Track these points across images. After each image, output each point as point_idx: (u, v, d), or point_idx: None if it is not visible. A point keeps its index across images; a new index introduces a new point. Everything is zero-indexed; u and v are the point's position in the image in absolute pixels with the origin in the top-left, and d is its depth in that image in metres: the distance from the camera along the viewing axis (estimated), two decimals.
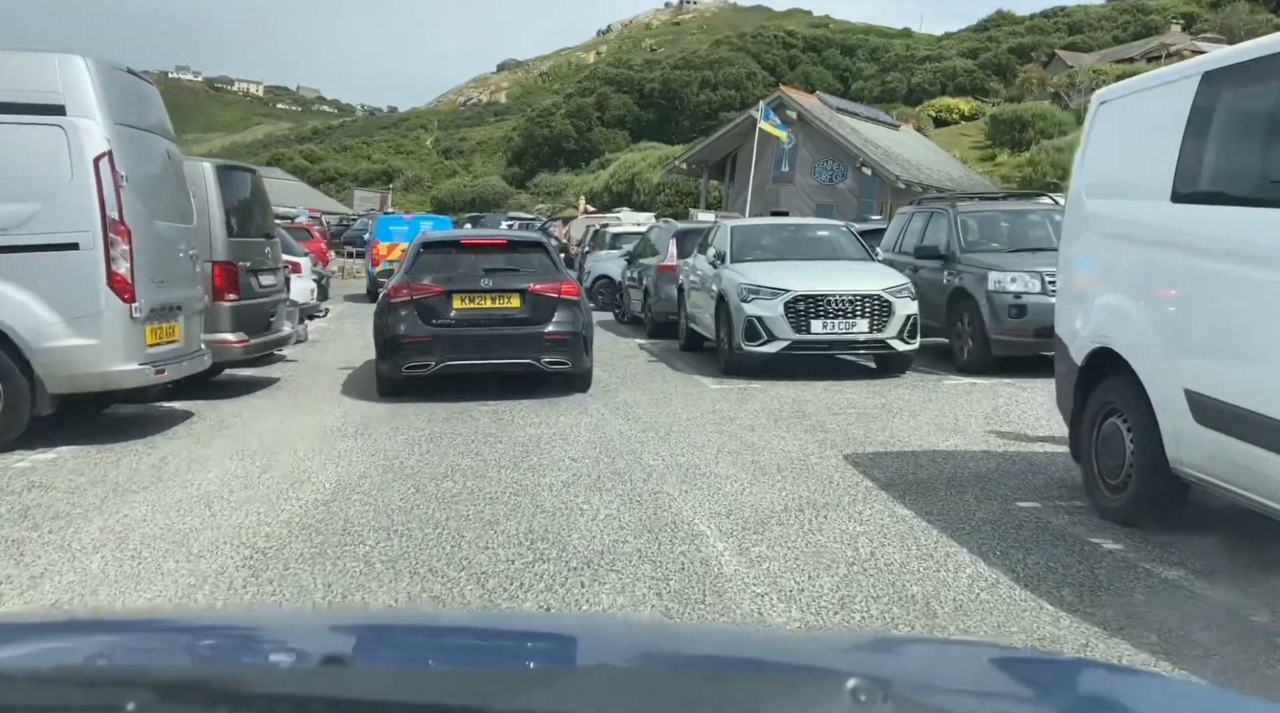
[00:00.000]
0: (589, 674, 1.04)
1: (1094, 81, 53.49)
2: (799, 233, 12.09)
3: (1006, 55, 77.89)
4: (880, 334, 10.10)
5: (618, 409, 8.53)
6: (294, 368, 11.54)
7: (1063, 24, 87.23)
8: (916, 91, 73.09)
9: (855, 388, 9.58)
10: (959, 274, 10.93)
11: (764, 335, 10.10)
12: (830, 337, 10.05)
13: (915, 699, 0.97)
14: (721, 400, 8.93)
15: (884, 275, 10.57)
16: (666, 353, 12.89)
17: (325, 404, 8.89)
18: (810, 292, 10.06)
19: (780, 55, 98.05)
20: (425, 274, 8.96)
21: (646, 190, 53.49)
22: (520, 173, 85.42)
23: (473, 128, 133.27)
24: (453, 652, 1.22)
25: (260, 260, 9.54)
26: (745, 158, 33.89)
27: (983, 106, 60.12)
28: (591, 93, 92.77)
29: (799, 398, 8.96)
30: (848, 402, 8.76)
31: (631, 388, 9.80)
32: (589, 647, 1.25)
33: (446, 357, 8.63)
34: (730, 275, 10.76)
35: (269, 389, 9.83)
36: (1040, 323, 9.99)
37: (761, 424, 7.70)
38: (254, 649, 1.23)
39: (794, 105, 36.16)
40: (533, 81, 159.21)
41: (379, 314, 9.11)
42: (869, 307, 10.08)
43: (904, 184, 33.48)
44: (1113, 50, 69.16)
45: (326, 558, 4.49)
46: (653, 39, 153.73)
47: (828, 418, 7.93)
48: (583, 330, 8.88)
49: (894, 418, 7.95)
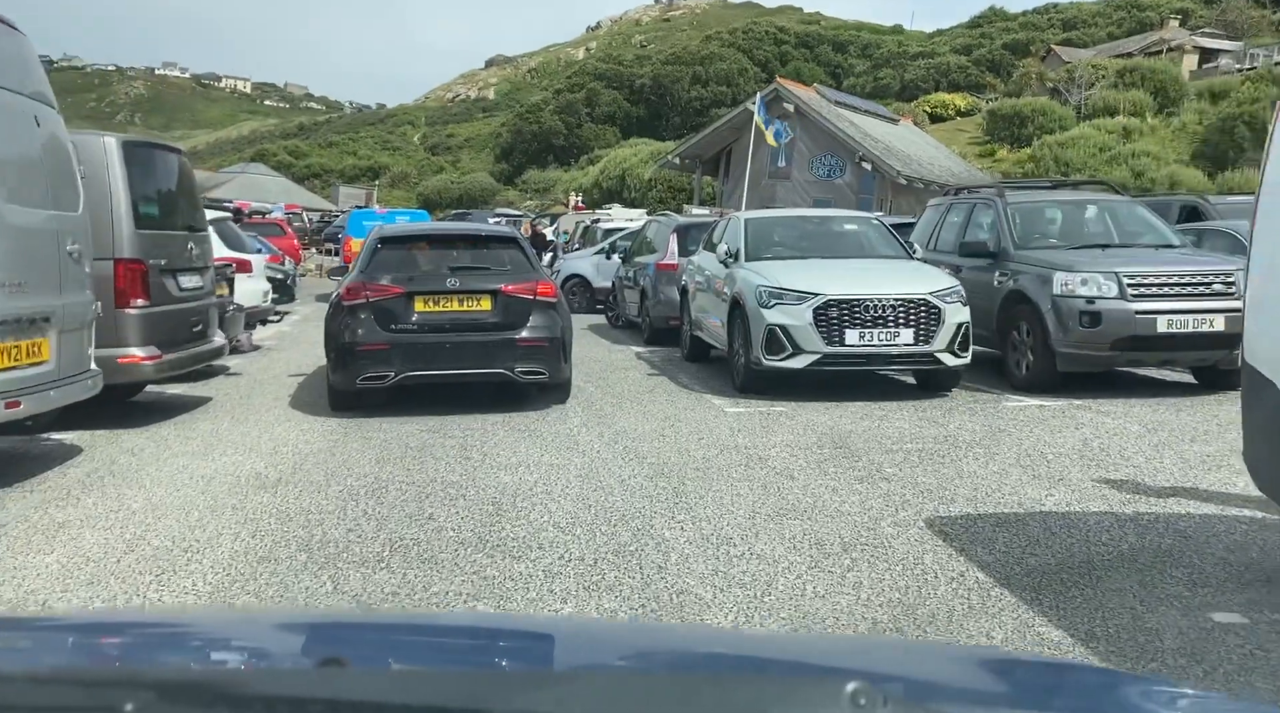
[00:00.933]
0: (588, 676, 1.04)
1: (1093, 76, 52.49)
2: (824, 226, 10.42)
3: (1000, 51, 78.04)
4: (927, 346, 8.45)
5: (615, 442, 6.87)
6: (234, 383, 9.85)
7: (1056, 20, 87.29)
8: (910, 88, 72.82)
9: (900, 412, 7.94)
10: (1014, 275, 9.29)
11: (788, 348, 8.45)
12: (868, 349, 8.39)
13: (914, 703, 0.98)
14: (742, 429, 7.28)
15: (929, 276, 8.92)
16: (668, 364, 11.23)
17: (255, 434, 7.21)
18: (844, 296, 8.41)
19: (772, 51, 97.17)
20: (383, 273, 7.90)
21: (638, 186, 52.03)
22: (508, 169, 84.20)
23: (460, 124, 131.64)
24: (451, 653, 1.28)
25: (181, 258, 7.85)
26: (741, 152, 32.73)
27: (978, 102, 59.22)
28: (581, 88, 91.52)
29: (837, 427, 7.32)
30: (898, 432, 7.11)
31: (631, 410, 8.14)
32: (588, 649, 1.30)
33: (407, 367, 7.69)
34: (747, 276, 9.11)
35: (192, 413, 8.14)
36: (1118, 333, 8.39)
37: (801, 467, 6.04)
38: (252, 650, 1.25)
39: (791, 98, 34.71)
40: (521, 78, 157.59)
41: (330, 319, 7.98)
42: (914, 313, 8.43)
43: (905, 180, 32.12)
44: (1109, 46, 68.55)
45: None
46: (643, 35, 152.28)
47: (882, 458, 6.28)
48: (561, 336, 8.02)
49: (964, 456, 6.31)
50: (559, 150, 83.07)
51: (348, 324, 7.71)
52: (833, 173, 34.41)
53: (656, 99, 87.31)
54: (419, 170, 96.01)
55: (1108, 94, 50.24)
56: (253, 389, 9.51)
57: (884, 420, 7.58)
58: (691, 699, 0.88)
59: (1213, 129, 42.82)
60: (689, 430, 7.27)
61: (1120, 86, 50.94)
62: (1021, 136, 49.53)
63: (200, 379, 9.88)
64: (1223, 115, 42.31)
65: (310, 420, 7.78)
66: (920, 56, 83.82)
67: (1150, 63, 54.47)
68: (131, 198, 7.15)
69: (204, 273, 8.33)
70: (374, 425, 7.53)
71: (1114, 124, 46.39)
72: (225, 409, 8.34)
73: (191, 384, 9.59)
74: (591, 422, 7.66)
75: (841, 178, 34.12)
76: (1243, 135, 39.25)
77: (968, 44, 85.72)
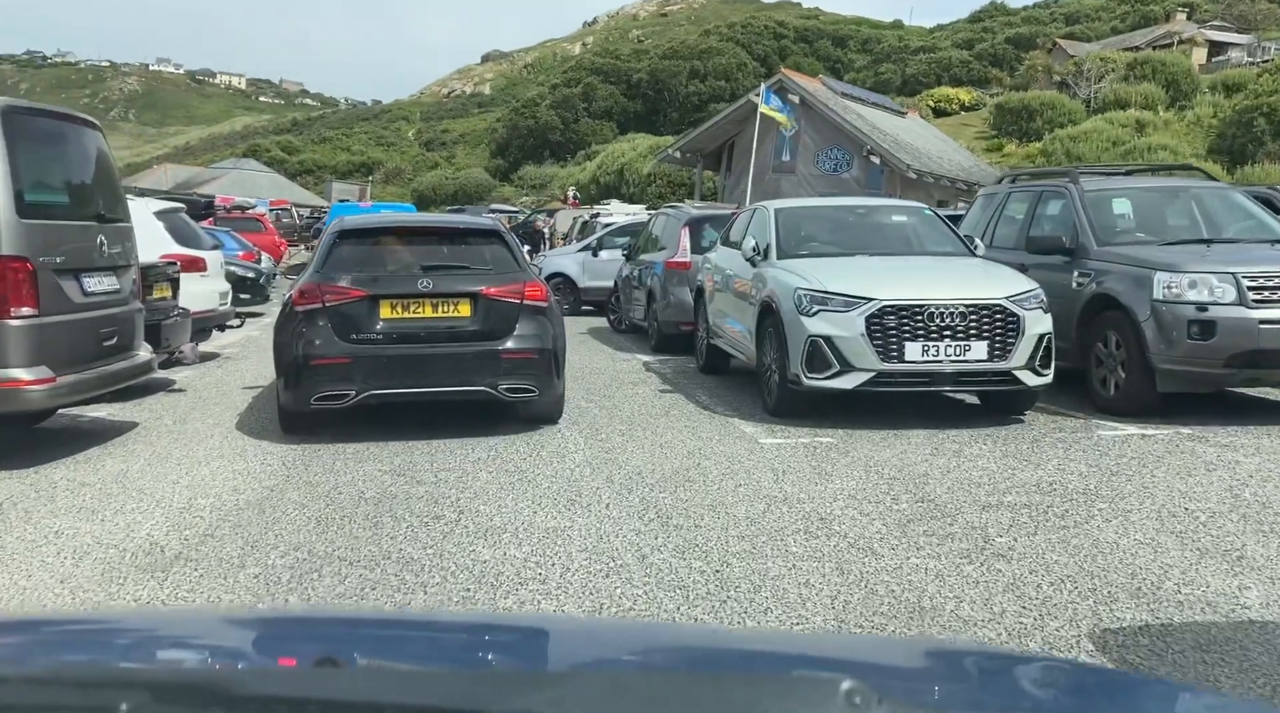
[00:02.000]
0: (585, 676, 1.05)
1: (1102, 69, 51.25)
2: (868, 218, 8.88)
3: (1003, 46, 77.55)
4: (1004, 362, 6.95)
5: (628, 490, 5.37)
6: (173, 402, 8.34)
7: (1059, 15, 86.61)
8: (911, 83, 72.08)
9: (976, 445, 6.43)
10: (1097, 276, 7.79)
11: (835, 364, 6.94)
12: (932, 367, 6.89)
13: (909, 701, 1.01)
14: (787, 470, 5.77)
15: (1003, 277, 7.41)
16: (682, 377, 9.73)
17: (173, 477, 5.70)
18: (903, 301, 6.91)
19: (771, 46, 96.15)
20: (342, 273, 6.78)
21: (636, 181, 50.67)
22: (504, 165, 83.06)
23: (456, 119, 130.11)
24: (447, 653, 1.26)
25: (88, 255, 6.33)
26: (744, 145, 31.55)
27: (983, 97, 58.18)
28: (578, 83, 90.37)
29: (906, 467, 5.81)
30: (985, 476, 5.61)
31: (644, 442, 6.64)
32: (585, 648, 1.28)
33: (371, 384, 6.56)
34: (781, 277, 7.60)
35: (106, 446, 6.62)
36: (1237, 347, 6.90)
37: (881, 536, 4.52)
38: (248, 650, 1.26)
39: (796, 89, 33.27)
40: (517, 73, 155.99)
41: (279, 327, 6.88)
42: (988, 322, 6.93)
43: (915, 174, 30.75)
44: (1115, 40, 67.61)
45: None
46: (640, 30, 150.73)
47: (982, 518, 4.77)
48: (553, 346, 6.92)
49: (1090, 517, 4.80)
50: (555, 146, 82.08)
51: (300, 333, 6.56)
52: (839, 167, 33.01)
53: (654, 94, 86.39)
54: (413, 166, 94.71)
55: (1118, 87, 49.12)
56: (193, 409, 8.00)
57: (961, 457, 6.07)
58: (688, 698, 0.87)
59: (1229, 122, 41.57)
60: (720, 473, 5.75)
61: (1131, 80, 49.80)
62: (1030, 131, 48.49)
63: (134, 397, 8.38)
64: (1239, 108, 41.06)
65: (248, 456, 6.27)
66: (921, 51, 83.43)
67: (1161, 55, 53.42)
68: (13, 178, 5.63)
69: (122, 273, 6.81)
70: (325, 463, 6.02)
71: (1126, 117, 45.15)
72: (149, 439, 6.82)
73: (122, 404, 8.09)
74: (597, 459, 6.15)
75: (848, 172, 32.70)
76: (1261, 128, 37.95)
77: (969, 39, 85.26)
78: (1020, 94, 52.13)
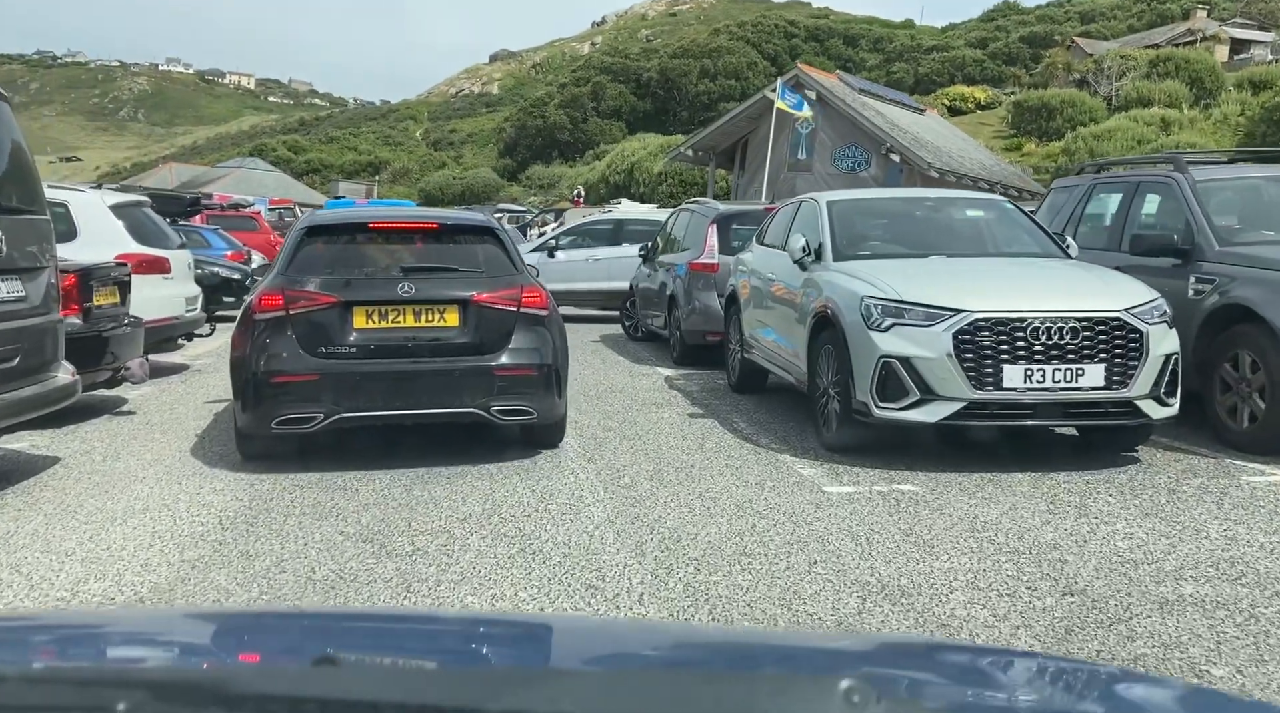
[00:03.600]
0: (581, 674, 1.04)
1: (1123, 66, 49.94)
2: (938, 212, 7.50)
3: (1017, 45, 76.74)
4: (1124, 390, 5.59)
5: (669, 573, 4.02)
6: (113, 430, 7.03)
7: (1074, 13, 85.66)
8: (924, 82, 71.26)
9: (1100, 497, 5.08)
10: (1223, 283, 6.43)
11: (913, 391, 5.59)
12: (1039, 396, 5.52)
13: (908, 700, 1.00)
14: (871, 538, 4.42)
15: (1119, 285, 6.04)
16: (712, 396, 8.40)
17: (68, 547, 4.37)
18: (1001, 313, 5.55)
19: (781, 45, 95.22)
20: (310, 276, 5.90)
21: (647, 180, 49.51)
22: (512, 165, 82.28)
23: (463, 119, 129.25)
24: (445, 651, 1.25)
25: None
26: (758, 144, 30.57)
27: (999, 95, 57.08)
28: (586, 82, 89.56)
29: (1027, 534, 4.46)
30: (1138, 550, 4.25)
31: (678, 490, 5.30)
32: (581, 647, 1.29)
33: (343, 405, 5.71)
34: (842, 282, 6.25)
35: (5, 492, 5.29)
36: None
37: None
38: (246, 649, 1.25)
39: (812, 84, 32.03)
40: (526, 73, 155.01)
41: (237, 338, 5.93)
42: (1106, 341, 5.58)
43: (936, 173, 29.45)
44: (1134, 38, 66.45)
45: None
46: (649, 30, 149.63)
47: (1172, 628, 3.41)
48: (554, 361, 6.06)
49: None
50: (564, 145, 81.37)
51: (260, 346, 5.72)
52: (857, 165, 31.76)
53: (664, 93, 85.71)
54: (421, 166, 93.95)
55: (1140, 85, 47.90)
56: (134, 438, 6.69)
57: (1089, 517, 4.72)
58: (686, 697, 0.86)
59: (1258, 120, 40.26)
60: (784, 540, 4.40)
61: (1154, 77, 48.56)
62: (1050, 129, 47.40)
63: (72, 421, 7.09)
64: (1268, 105, 39.75)
65: (178, 511, 4.95)
66: (934, 50, 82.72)
67: (1184, 53, 52.20)
68: None
69: (30, 277, 5.48)
70: (273, 523, 4.70)
71: (1150, 115, 43.87)
72: (63, 483, 5.50)
73: (53, 431, 6.80)
74: (621, 516, 4.81)
75: (866, 170, 31.45)
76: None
77: (982, 38, 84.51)
78: (1039, 92, 50.91)
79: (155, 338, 9.18)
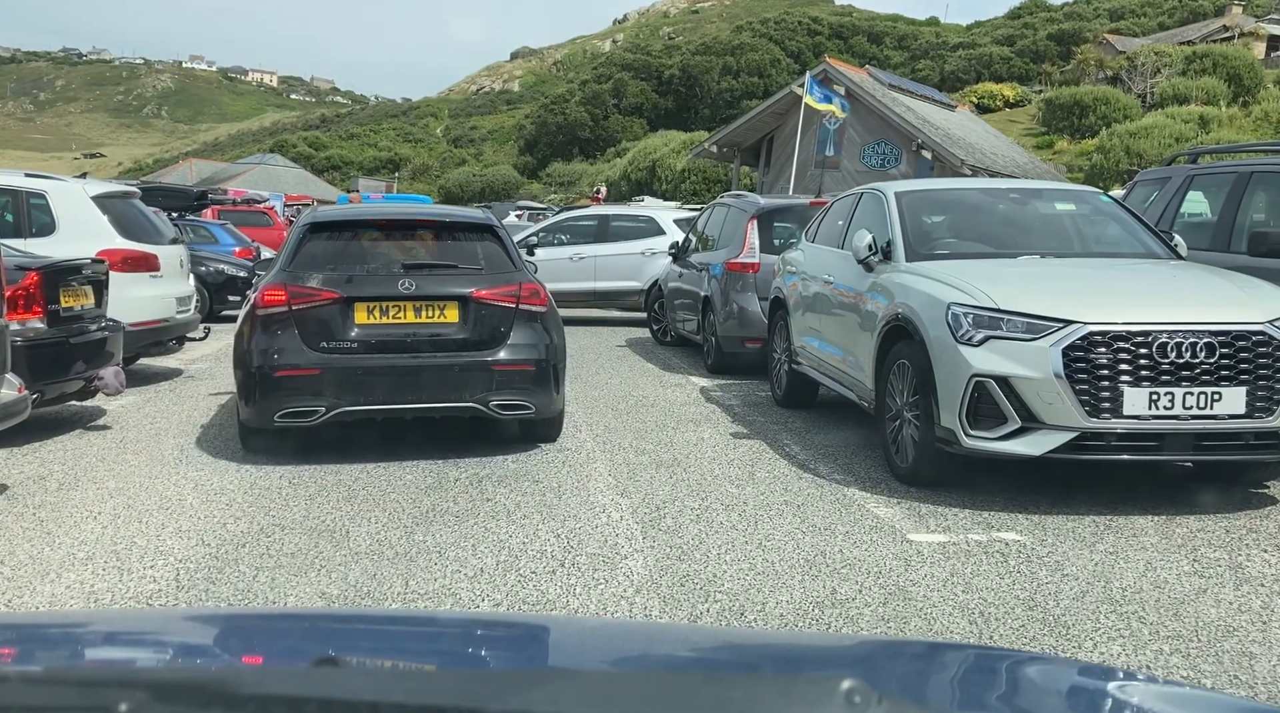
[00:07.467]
0: (582, 675, 1.03)
1: (1158, 63, 48.66)
2: (1025, 205, 6.54)
3: (1045, 42, 75.47)
4: (1267, 419, 4.63)
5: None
6: (82, 448, 6.19)
7: (1102, 10, 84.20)
8: (950, 79, 70.07)
9: (1251, 549, 4.16)
10: None
11: (1013, 418, 4.66)
12: (1168, 425, 4.57)
13: (909, 701, 0.98)
14: (986, 610, 3.51)
15: (1255, 291, 5.08)
16: (755, 412, 7.49)
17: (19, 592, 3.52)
18: (1120, 325, 4.61)
19: (805, 42, 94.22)
20: (312, 272, 6.06)
21: (670, 177, 48.60)
22: (532, 162, 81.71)
23: (484, 116, 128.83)
24: (447, 652, 1.24)
25: None
26: (784, 139, 29.76)
27: (1028, 92, 55.95)
28: (608, 79, 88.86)
29: (1178, 604, 3.54)
30: None
31: (732, 537, 4.39)
32: (582, 648, 1.27)
33: (344, 399, 5.91)
34: (919, 286, 5.32)
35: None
36: None
37: None
38: (248, 650, 1.24)
39: (841, 79, 31.04)
40: (547, 70, 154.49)
41: (241, 333, 6.11)
42: (1248, 359, 4.63)
43: (970, 170, 28.39)
44: (1166, 34, 65.08)
45: None
46: (670, 27, 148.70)
47: None
48: (551, 357, 6.26)
49: None
50: (584, 143, 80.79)
51: (263, 340, 5.91)
52: (886, 162, 30.80)
53: (685, 90, 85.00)
54: (441, 163, 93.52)
55: (1176, 82, 46.65)
56: (100, 461, 5.85)
57: (1247, 580, 3.79)
58: (686, 698, 0.86)
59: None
60: (875, 612, 3.50)
61: (1190, 74, 47.31)
62: (1082, 127, 46.23)
63: (38, 438, 6.28)
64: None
65: (128, 561, 4.08)
66: (960, 47, 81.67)
67: (1222, 49, 50.90)
68: None
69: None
70: (241, 577, 3.83)
71: (1188, 113, 42.63)
72: (3, 520, 4.64)
73: (9, 450, 5.98)
74: (665, 572, 3.91)
75: (896, 168, 30.46)
76: None
77: (1009, 35, 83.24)
78: (1071, 89, 49.71)
79: (140, 342, 8.36)
